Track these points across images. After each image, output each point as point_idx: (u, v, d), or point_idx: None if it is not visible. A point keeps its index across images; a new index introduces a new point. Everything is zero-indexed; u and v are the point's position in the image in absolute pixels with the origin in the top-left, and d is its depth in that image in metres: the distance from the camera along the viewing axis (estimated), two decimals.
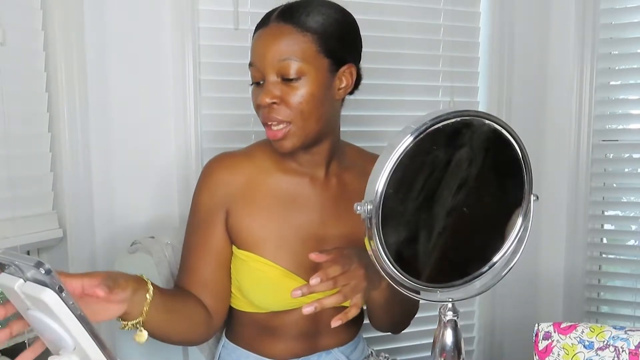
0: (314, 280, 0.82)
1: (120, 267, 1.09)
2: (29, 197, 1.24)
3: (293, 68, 0.89)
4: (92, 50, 1.31)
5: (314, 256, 0.84)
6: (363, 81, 1.01)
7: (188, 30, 1.38)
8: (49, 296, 0.56)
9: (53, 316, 0.58)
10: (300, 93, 0.90)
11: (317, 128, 0.93)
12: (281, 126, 0.91)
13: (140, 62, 1.37)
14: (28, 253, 1.34)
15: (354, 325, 1.08)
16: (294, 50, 0.89)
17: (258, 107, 0.94)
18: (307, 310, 0.83)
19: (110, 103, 1.35)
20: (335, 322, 0.85)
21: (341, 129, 1.03)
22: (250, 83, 0.96)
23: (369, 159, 1.07)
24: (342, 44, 0.94)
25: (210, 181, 1.00)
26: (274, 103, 0.91)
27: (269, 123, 0.92)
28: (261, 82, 0.92)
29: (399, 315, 1.05)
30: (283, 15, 0.91)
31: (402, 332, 1.12)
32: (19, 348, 1.26)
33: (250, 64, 0.94)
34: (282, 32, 0.90)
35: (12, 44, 1.18)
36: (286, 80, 0.90)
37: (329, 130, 0.97)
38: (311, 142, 0.95)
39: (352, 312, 0.86)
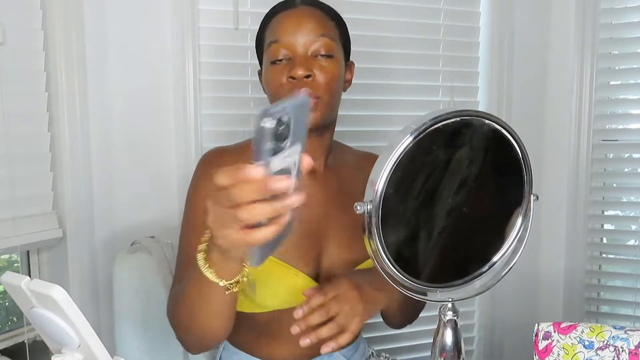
0: (297, 313, 0.84)
1: (120, 267, 1.09)
2: (29, 197, 1.25)
3: (329, 45, 0.92)
4: (92, 50, 1.31)
5: (307, 292, 0.86)
6: (363, 81, 1.02)
7: (188, 30, 1.38)
8: (58, 292, 0.57)
9: (60, 313, 0.58)
10: (330, 71, 0.92)
11: (333, 111, 0.96)
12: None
13: (140, 62, 1.37)
14: (28, 253, 1.34)
15: None
16: (327, 30, 0.93)
17: (280, 86, 0.92)
18: (304, 343, 0.84)
19: (110, 103, 1.35)
20: (326, 349, 0.85)
21: (340, 129, 1.04)
22: (271, 61, 0.93)
23: (359, 156, 1.09)
24: (348, 39, 0.99)
25: (210, 174, 0.96)
26: (308, 76, 0.90)
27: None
28: (284, 60, 0.92)
29: (415, 310, 1.06)
30: (310, 0, 0.96)
31: (402, 332, 1.12)
32: (19, 348, 1.27)
33: (275, 41, 0.92)
34: (315, 14, 0.94)
35: (12, 44, 1.18)
36: (322, 56, 0.92)
37: (334, 119, 1.00)
38: (325, 124, 0.96)
39: (345, 338, 0.85)
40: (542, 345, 0.87)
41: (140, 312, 1.07)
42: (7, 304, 1.37)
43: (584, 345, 0.84)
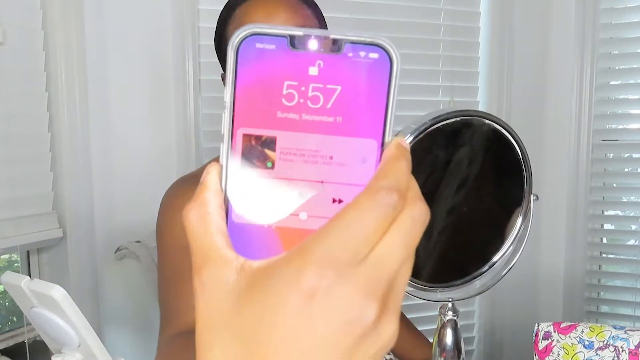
0: None
1: (109, 275, 1.08)
2: (29, 197, 1.25)
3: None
4: (92, 50, 1.31)
5: None
6: None
7: (188, 30, 1.38)
8: (58, 292, 0.57)
9: (60, 313, 0.58)
10: None
11: None
12: None
13: (140, 62, 1.37)
14: (28, 253, 1.34)
15: None
16: (305, 19, 0.82)
17: None
18: None
19: (110, 103, 1.35)
20: None
21: None
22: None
23: None
24: (326, 27, 0.89)
25: (183, 205, 0.86)
26: None
27: None
28: None
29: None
30: None
31: None
32: (19, 348, 1.27)
33: None
34: (287, 1, 0.82)
35: (12, 44, 1.18)
36: None
37: None
38: None
39: None
40: (542, 345, 0.87)
41: (129, 320, 1.06)
42: (7, 304, 1.37)
43: (584, 345, 0.84)
